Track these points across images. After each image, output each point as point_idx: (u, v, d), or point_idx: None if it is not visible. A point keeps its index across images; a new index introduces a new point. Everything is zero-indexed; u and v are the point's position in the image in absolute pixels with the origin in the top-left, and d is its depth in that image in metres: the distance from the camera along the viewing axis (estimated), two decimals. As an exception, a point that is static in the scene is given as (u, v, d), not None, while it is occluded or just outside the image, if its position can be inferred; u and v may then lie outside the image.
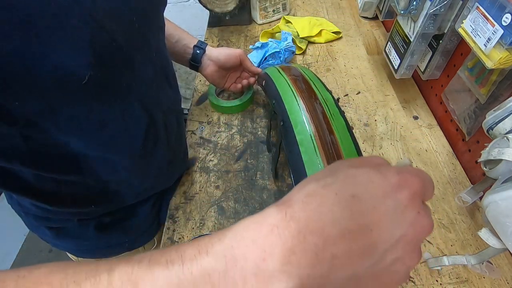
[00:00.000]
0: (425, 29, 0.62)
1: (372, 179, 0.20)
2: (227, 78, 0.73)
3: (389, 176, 0.20)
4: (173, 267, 0.17)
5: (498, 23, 0.43)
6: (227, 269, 0.17)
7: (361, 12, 1.02)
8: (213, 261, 0.17)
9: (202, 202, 0.59)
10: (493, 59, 0.44)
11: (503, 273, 0.50)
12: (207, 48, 0.68)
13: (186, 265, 0.17)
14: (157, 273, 0.17)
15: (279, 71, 0.61)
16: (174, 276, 0.17)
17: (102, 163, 0.45)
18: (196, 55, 0.67)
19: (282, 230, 0.18)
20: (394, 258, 0.19)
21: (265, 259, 0.17)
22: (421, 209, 0.20)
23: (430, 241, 0.53)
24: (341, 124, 0.48)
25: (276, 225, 0.18)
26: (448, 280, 0.49)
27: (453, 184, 0.61)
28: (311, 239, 0.18)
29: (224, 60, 0.68)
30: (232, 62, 0.68)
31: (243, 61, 0.69)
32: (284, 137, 0.51)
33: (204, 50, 0.67)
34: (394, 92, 0.79)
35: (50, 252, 1.57)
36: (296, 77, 0.58)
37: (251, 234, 0.18)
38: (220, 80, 0.72)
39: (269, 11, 1.00)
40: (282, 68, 0.62)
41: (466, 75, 0.57)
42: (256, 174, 0.63)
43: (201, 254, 0.18)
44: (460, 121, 0.61)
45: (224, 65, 0.68)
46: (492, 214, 0.34)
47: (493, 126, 0.41)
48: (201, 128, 0.73)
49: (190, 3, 1.60)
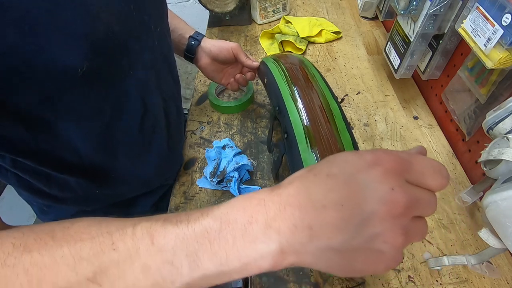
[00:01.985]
0: (425, 29, 0.62)
1: (347, 159, 0.22)
2: (224, 73, 0.70)
3: (364, 156, 0.22)
4: (181, 225, 0.21)
5: (498, 23, 0.43)
6: (221, 228, 0.21)
7: (361, 12, 1.02)
8: (212, 221, 0.21)
9: (202, 202, 0.59)
10: (493, 59, 0.44)
11: (503, 273, 0.50)
12: (203, 39, 0.66)
13: (190, 224, 0.21)
14: (169, 229, 0.21)
15: (283, 72, 0.58)
16: (181, 231, 0.21)
17: (102, 150, 0.45)
18: (191, 46, 0.65)
19: (267, 202, 0.22)
20: (372, 234, 0.20)
21: (252, 223, 0.21)
22: (396, 186, 0.20)
23: (430, 241, 0.53)
24: (347, 141, 0.46)
25: (263, 198, 0.22)
26: (448, 280, 0.49)
27: (453, 184, 0.61)
28: (290, 210, 0.21)
29: (216, 53, 0.65)
30: (224, 55, 0.65)
31: (236, 54, 0.65)
32: (288, 151, 0.49)
33: (200, 42, 0.65)
34: (394, 92, 0.79)
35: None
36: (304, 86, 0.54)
37: (243, 204, 0.22)
38: (215, 74, 0.69)
39: (269, 11, 1.01)
40: (287, 69, 0.58)
41: (466, 75, 0.57)
42: (256, 174, 0.63)
43: (203, 216, 0.22)
44: (460, 121, 0.61)
45: (216, 57, 0.66)
46: (492, 214, 0.34)
47: (493, 126, 0.41)
48: (201, 128, 0.73)
49: (190, 3, 1.60)
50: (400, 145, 0.67)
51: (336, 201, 0.20)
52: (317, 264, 0.21)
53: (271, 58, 0.64)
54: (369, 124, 0.72)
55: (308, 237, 0.20)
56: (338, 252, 0.20)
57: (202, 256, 0.21)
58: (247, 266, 0.21)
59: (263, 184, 0.61)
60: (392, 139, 0.69)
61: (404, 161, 0.21)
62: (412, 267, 0.50)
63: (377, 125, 0.72)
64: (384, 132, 0.70)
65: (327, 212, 0.20)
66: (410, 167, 0.21)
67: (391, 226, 0.20)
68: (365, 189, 0.20)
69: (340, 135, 0.46)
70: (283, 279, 0.49)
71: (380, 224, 0.20)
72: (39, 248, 0.21)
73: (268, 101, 0.77)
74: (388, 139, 0.69)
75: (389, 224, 0.20)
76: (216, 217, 0.22)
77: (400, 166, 0.21)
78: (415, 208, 0.21)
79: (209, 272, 0.21)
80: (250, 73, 0.67)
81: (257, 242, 0.21)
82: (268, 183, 0.62)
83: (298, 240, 0.20)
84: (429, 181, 0.22)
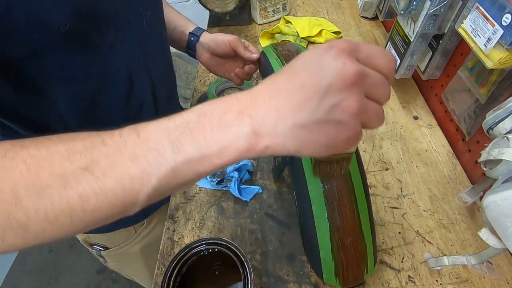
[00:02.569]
0: (425, 29, 0.62)
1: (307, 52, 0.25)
2: (226, 67, 0.68)
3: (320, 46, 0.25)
4: (163, 121, 0.25)
5: (498, 23, 0.43)
6: (199, 119, 0.24)
7: (361, 12, 1.02)
8: (190, 114, 0.24)
9: (202, 202, 0.59)
10: (493, 59, 0.44)
11: (503, 273, 0.50)
12: (202, 34, 0.65)
13: (172, 119, 0.25)
14: (152, 124, 0.24)
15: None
16: (163, 125, 0.24)
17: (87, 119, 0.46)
18: (190, 42, 0.65)
19: (240, 97, 0.25)
20: (330, 105, 0.23)
21: (226, 113, 0.24)
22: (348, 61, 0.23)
23: (430, 241, 0.53)
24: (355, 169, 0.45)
25: (237, 95, 0.25)
26: (448, 280, 0.49)
27: (453, 184, 0.61)
28: (260, 99, 0.24)
29: (213, 47, 0.64)
30: (222, 49, 0.63)
31: (235, 48, 0.62)
32: (291, 165, 0.48)
33: (199, 37, 0.65)
34: (394, 92, 0.79)
35: (50, 252, 1.57)
36: None
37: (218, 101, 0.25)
38: (217, 68, 0.67)
39: (269, 11, 1.00)
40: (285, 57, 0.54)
41: (466, 75, 0.57)
42: (256, 174, 0.63)
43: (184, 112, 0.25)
44: (460, 121, 0.61)
45: (214, 51, 0.64)
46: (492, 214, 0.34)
47: (493, 126, 0.41)
48: (201, 128, 0.73)
49: (190, 3, 1.60)
50: (400, 145, 0.67)
51: (298, 83, 0.24)
52: (288, 144, 0.24)
53: (272, 49, 0.58)
54: (369, 124, 0.72)
55: (277, 118, 0.23)
56: (305, 128, 0.23)
57: (183, 142, 0.24)
58: (225, 149, 0.24)
59: (263, 184, 0.61)
60: (392, 139, 0.69)
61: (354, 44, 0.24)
62: (412, 267, 0.50)
63: (377, 125, 0.71)
64: (384, 132, 0.70)
65: (291, 94, 0.23)
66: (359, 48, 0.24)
67: (346, 95, 0.23)
68: (322, 68, 0.23)
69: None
70: (283, 279, 0.50)
71: (336, 94, 0.23)
72: (36, 145, 0.23)
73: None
74: (388, 139, 0.69)
75: (344, 93, 0.23)
76: (194, 111, 0.25)
77: (351, 46, 0.24)
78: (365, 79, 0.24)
79: (191, 155, 0.23)
80: (249, 66, 0.64)
81: (232, 127, 0.24)
82: (268, 183, 0.62)
83: (268, 122, 0.23)
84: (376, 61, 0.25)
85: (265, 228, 0.55)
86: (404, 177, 0.62)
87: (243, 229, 0.56)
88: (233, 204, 0.59)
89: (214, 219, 0.57)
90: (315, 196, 0.43)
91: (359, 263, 0.45)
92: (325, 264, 0.45)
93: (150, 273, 0.77)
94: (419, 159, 0.65)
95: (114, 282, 1.47)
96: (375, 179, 0.62)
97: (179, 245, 0.54)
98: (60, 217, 0.23)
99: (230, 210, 0.58)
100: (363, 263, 0.46)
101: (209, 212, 0.58)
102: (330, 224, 0.43)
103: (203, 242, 0.43)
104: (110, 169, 0.23)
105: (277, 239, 0.54)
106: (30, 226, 0.23)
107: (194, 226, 0.56)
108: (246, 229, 0.56)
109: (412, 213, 0.57)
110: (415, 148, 0.67)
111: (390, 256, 0.52)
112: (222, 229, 0.56)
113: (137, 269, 0.76)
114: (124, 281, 1.46)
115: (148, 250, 0.71)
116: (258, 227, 0.56)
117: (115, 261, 0.72)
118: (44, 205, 0.22)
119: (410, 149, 0.67)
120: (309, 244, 0.47)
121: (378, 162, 0.65)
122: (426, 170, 0.63)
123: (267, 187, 0.61)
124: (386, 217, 0.56)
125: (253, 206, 0.59)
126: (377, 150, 0.67)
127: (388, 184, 0.61)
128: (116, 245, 0.67)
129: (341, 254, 0.44)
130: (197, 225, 0.56)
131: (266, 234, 0.55)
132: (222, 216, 0.57)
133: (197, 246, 0.43)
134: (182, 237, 0.55)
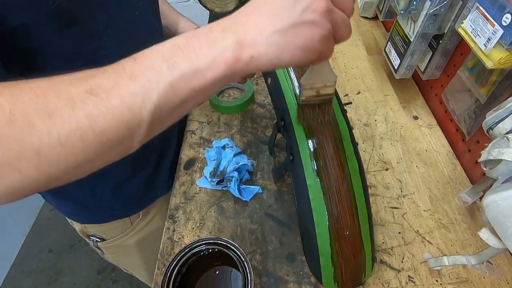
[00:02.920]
0: (425, 29, 0.62)
1: None
2: None
3: None
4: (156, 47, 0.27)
5: (498, 23, 0.43)
6: (188, 41, 0.27)
7: (361, 12, 1.02)
8: (179, 38, 0.27)
9: (202, 202, 0.59)
10: (493, 59, 0.44)
11: (503, 273, 0.50)
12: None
13: (162, 44, 0.27)
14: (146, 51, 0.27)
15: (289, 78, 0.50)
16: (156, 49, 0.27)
17: None
18: None
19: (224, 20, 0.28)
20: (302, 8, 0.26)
21: (212, 32, 0.27)
22: None
23: (430, 241, 0.53)
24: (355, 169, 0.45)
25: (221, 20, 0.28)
26: (448, 280, 0.49)
27: (453, 184, 0.61)
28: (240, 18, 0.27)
29: None
30: None
31: None
32: (292, 172, 0.47)
33: None
34: (394, 92, 0.79)
35: (50, 252, 1.57)
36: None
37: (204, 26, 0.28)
38: None
39: (269, 11, 1.00)
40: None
41: (466, 75, 0.57)
42: (256, 174, 0.63)
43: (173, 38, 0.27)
44: (460, 121, 0.61)
45: None
46: (492, 214, 0.34)
47: (493, 126, 0.41)
48: (201, 128, 0.73)
49: (190, 3, 1.60)
50: (400, 145, 0.67)
51: None
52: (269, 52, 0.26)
53: None
54: (369, 124, 0.72)
55: (257, 30, 0.26)
56: (282, 33, 0.26)
57: (176, 59, 0.26)
58: (215, 61, 0.26)
59: (263, 184, 0.61)
60: (392, 139, 0.69)
61: None
62: (412, 267, 0.50)
63: (377, 125, 0.72)
64: (384, 132, 0.70)
65: (267, 6, 0.27)
66: None
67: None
68: None
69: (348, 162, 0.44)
70: (283, 279, 0.50)
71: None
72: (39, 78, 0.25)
73: (268, 100, 0.77)
74: (388, 139, 0.69)
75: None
76: (182, 36, 0.27)
77: None
78: None
79: (185, 71, 0.26)
80: None
81: (218, 41, 0.26)
82: (268, 183, 0.62)
83: (249, 35, 0.26)
84: None
85: (265, 228, 0.55)
86: (404, 177, 0.62)
87: (243, 229, 0.56)
88: (233, 204, 0.59)
89: (214, 219, 0.57)
90: (316, 204, 0.43)
91: (358, 269, 0.46)
92: (324, 270, 0.45)
93: (146, 266, 0.77)
94: (419, 159, 0.65)
95: (114, 282, 1.47)
96: (375, 179, 0.62)
97: (179, 245, 0.54)
98: (72, 138, 0.24)
99: (230, 210, 0.58)
100: (362, 268, 0.46)
101: (209, 212, 0.58)
102: (331, 232, 0.43)
103: (203, 242, 0.43)
104: (113, 89, 0.25)
105: (277, 239, 0.54)
106: (43, 151, 0.24)
107: (194, 226, 0.56)
108: (246, 229, 0.56)
109: (412, 213, 0.57)
110: (415, 148, 0.67)
111: (390, 256, 0.52)
112: (222, 229, 0.56)
113: (134, 262, 0.77)
114: (124, 281, 1.46)
115: (144, 244, 0.71)
116: (258, 227, 0.56)
117: (112, 253, 0.73)
118: (56, 127, 0.24)
119: (410, 149, 0.67)
120: (309, 249, 0.47)
121: (378, 162, 0.65)
122: (426, 170, 0.63)
123: (267, 187, 0.61)
124: (386, 217, 0.56)
125: (253, 206, 0.59)
126: (377, 150, 0.67)
127: (388, 184, 0.61)
128: (113, 237, 0.68)
129: (341, 261, 0.44)
130: (197, 225, 0.56)
131: (266, 234, 0.55)
132: (222, 216, 0.57)
133: (197, 246, 0.43)
134: (182, 237, 0.55)
